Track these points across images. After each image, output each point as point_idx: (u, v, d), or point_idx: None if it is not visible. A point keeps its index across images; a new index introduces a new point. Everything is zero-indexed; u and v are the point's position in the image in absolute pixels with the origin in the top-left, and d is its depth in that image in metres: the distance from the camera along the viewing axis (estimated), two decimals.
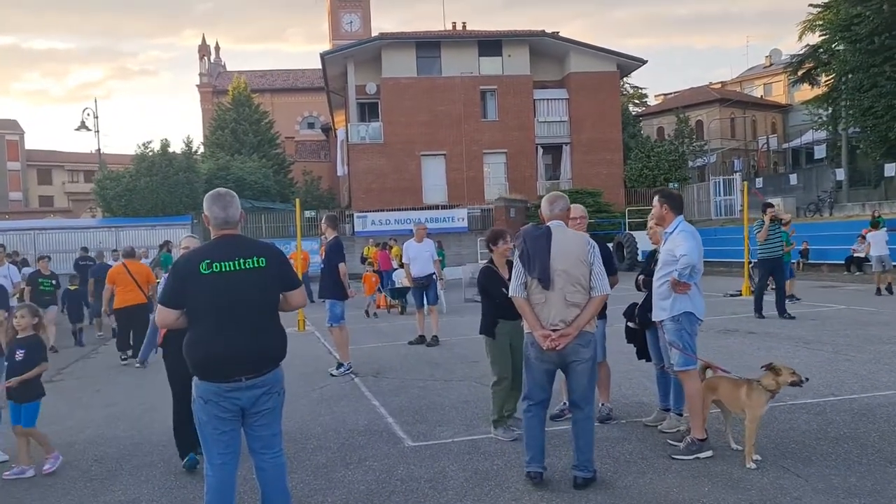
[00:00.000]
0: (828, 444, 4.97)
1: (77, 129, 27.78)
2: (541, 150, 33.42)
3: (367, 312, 15.41)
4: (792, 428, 5.40)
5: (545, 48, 33.19)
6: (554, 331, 4.38)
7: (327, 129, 47.94)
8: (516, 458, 5.03)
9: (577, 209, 5.73)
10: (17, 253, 18.42)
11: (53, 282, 12.47)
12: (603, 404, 5.95)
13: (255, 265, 3.49)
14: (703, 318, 5.01)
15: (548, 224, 4.67)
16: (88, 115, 28.47)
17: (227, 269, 3.44)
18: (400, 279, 16.91)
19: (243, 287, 3.44)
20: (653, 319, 5.13)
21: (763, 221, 11.86)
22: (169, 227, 24.14)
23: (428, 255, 11.38)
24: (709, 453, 4.83)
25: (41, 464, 5.42)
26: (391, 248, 21.13)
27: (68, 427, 6.75)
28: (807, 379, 4.64)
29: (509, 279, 5.62)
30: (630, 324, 5.82)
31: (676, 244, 4.83)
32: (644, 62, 34.32)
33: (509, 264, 5.85)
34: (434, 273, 11.30)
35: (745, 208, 16.11)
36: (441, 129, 32.18)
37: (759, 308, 11.88)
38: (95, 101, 30.05)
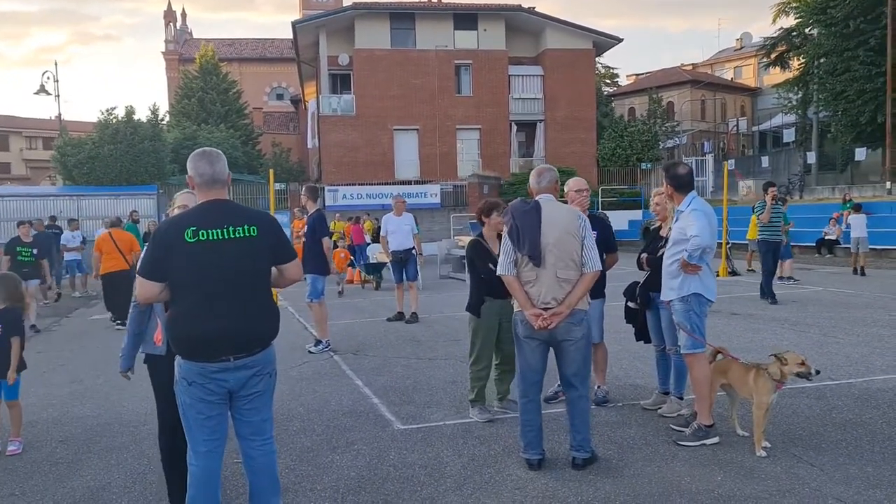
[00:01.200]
0: (836, 431, 4.82)
1: (36, 93, 26.54)
2: (514, 127, 33.07)
3: (340, 293, 14.70)
4: (795, 413, 5.24)
5: (521, 23, 32.74)
6: (545, 309, 4.20)
7: (297, 101, 46.95)
8: (513, 442, 4.79)
9: (581, 182, 5.48)
10: None
11: (35, 251, 10.98)
12: (599, 387, 5.74)
13: (246, 234, 3.13)
14: (714, 299, 4.79)
15: (536, 198, 4.42)
16: (48, 78, 27.27)
17: (215, 237, 3.07)
18: (374, 254, 16.59)
19: (232, 258, 3.08)
20: (662, 299, 4.89)
21: (765, 202, 11.44)
22: (134, 196, 23.25)
23: (408, 228, 11.00)
24: (715, 440, 4.64)
25: (5, 443, 5.07)
26: (364, 221, 20.76)
27: (30, 404, 6.28)
28: (817, 372, 4.43)
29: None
30: (630, 304, 5.59)
31: (689, 223, 4.58)
32: (620, 40, 34.07)
33: (501, 238, 5.59)
34: (413, 248, 10.95)
35: (724, 189, 16.05)
36: (414, 103, 31.62)
37: (770, 293, 11.15)
38: (56, 65, 28.92)
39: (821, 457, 4.35)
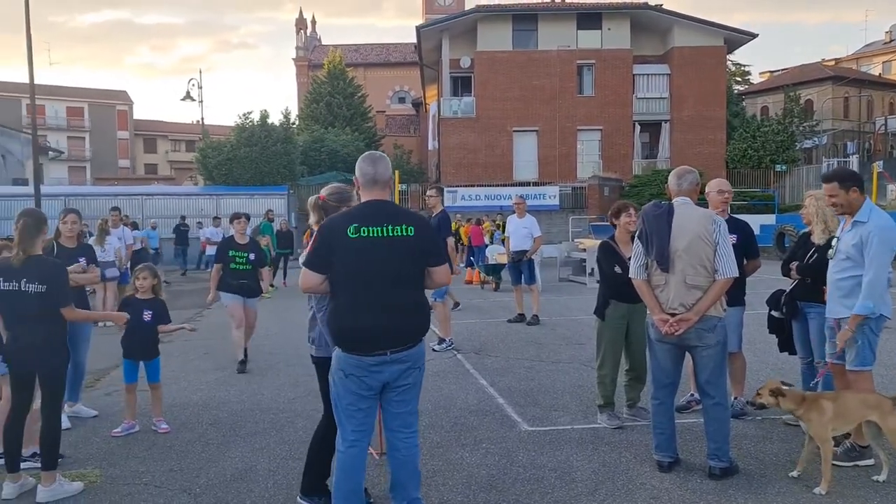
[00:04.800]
0: None
1: (182, 99, 28.70)
2: (638, 128, 32.22)
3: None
4: None
5: (647, 21, 31.85)
6: (673, 315, 4.13)
7: (418, 104, 47.92)
8: (645, 450, 4.69)
9: (724, 183, 5.29)
10: (127, 216, 19.16)
11: (251, 255, 7.77)
12: (736, 398, 5.48)
13: (404, 233, 3.27)
14: (891, 315, 4.41)
15: (671, 201, 4.31)
16: (193, 85, 29.36)
17: (376, 234, 3.23)
18: (493, 255, 16.66)
19: (390, 255, 3.24)
20: (833, 316, 4.48)
21: None
22: (267, 196, 24.63)
23: (525, 231, 10.94)
24: (870, 461, 4.32)
25: (154, 424, 5.47)
26: (484, 223, 20.94)
27: (181, 388, 6.84)
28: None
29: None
30: (774, 313, 5.30)
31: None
32: (754, 36, 32.40)
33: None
34: (528, 249, 10.80)
35: (873, 193, 14.91)
36: (535, 105, 31.49)
37: None
38: (200, 72, 31.36)
39: None
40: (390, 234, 3.24)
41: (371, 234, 3.22)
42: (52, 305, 4.07)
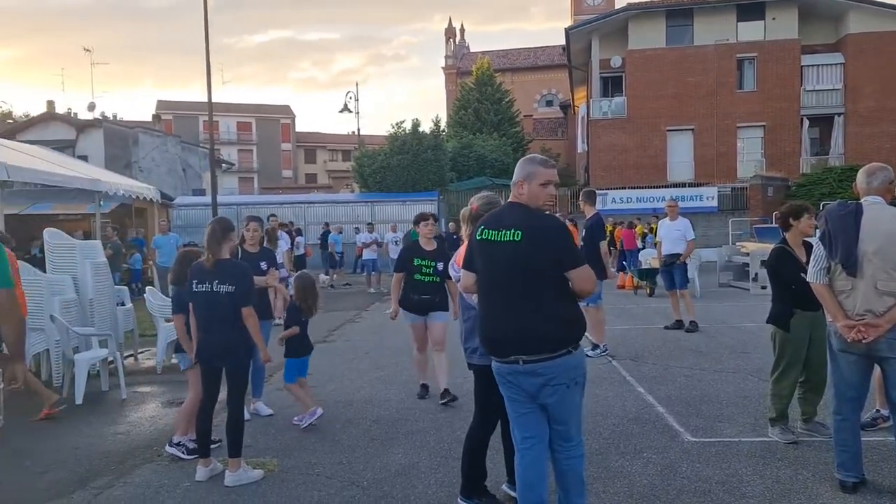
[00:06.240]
0: None
1: (340, 112, 30.42)
2: (806, 123, 29.91)
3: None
4: None
5: (817, 8, 29.49)
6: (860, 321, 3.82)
7: (565, 106, 47.43)
8: (825, 468, 4.36)
9: None
10: (291, 223, 20.50)
11: (440, 266, 6.30)
12: None
13: (510, 238, 3.20)
14: None
15: (860, 201, 3.96)
16: (351, 98, 30.91)
17: (491, 238, 3.28)
18: (647, 259, 16.15)
19: (500, 260, 3.24)
20: None
21: None
22: (417, 202, 25.35)
23: (677, 234, 10.50)
24: None
25: (308, 414, 5.75)
26: (637, 226, 20.36)
27: (346, 385, 7.23)
28: None
29: (807, 262, 4.93)
30: None
31: None
32: None
33: (806, 245, 5.12)
34: (679, 253, 10.36)
35: None
36: (690, 102, 30.13)
37: None
38: (357, 85, 33.15)
39: None
40: (500, 239, 3.23)
41: (488, 238, 3.28)
42: (239, 305, 4.46)
